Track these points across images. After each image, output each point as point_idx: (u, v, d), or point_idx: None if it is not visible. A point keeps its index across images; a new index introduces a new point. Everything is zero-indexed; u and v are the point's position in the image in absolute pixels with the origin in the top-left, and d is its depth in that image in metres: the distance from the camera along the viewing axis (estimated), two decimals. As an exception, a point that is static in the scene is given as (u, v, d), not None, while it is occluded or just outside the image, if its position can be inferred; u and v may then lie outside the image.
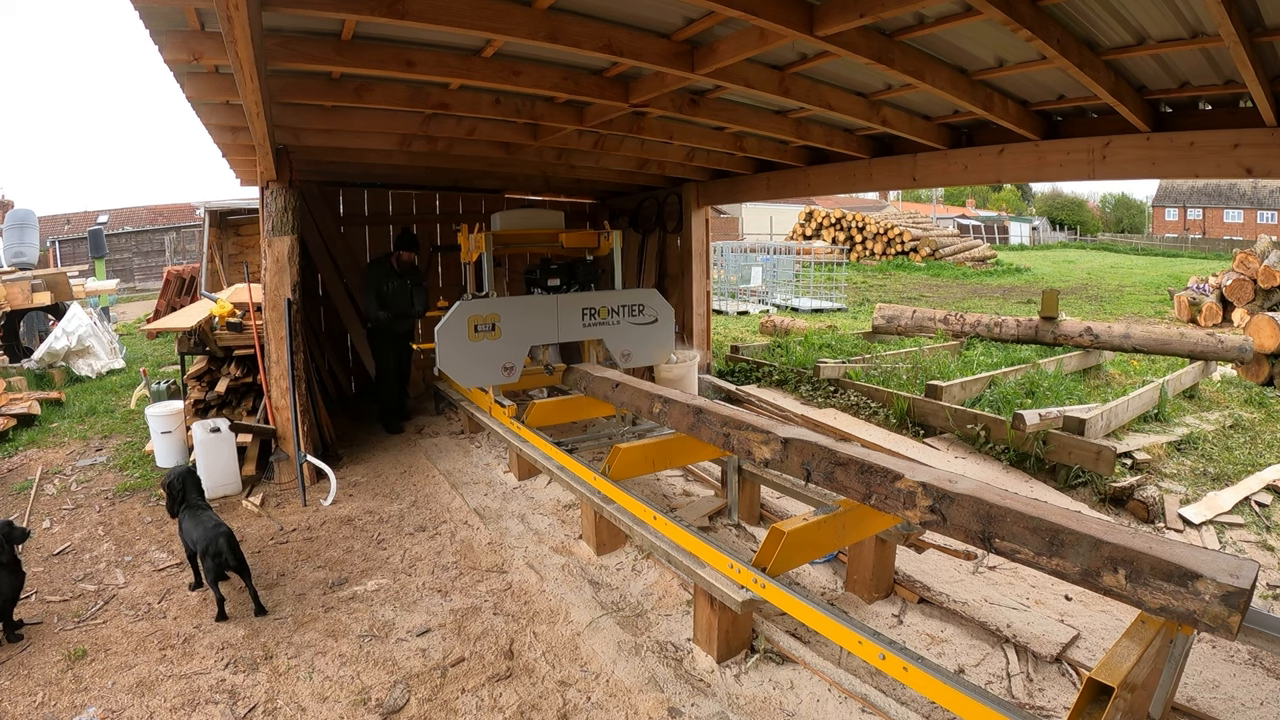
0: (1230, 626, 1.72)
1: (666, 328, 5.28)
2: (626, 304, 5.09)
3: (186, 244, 23.63)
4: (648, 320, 5.17)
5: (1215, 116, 3.72)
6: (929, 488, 2.44)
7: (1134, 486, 4.53)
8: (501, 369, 4.69)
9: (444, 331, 4.46)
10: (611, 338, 5.08)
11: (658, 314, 5.24)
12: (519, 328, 4.73)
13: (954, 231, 30.15)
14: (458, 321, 4.51)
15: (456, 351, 4.51)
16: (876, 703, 2.51)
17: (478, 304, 4.63)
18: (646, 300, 5.20)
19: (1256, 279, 11.79)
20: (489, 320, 4.59)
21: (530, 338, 4.84)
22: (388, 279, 5.93)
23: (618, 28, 3.21)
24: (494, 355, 4.65)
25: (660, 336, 5.25)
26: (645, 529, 3.16)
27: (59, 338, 7.88)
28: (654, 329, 5.21)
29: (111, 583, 3.45)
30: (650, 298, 5.23)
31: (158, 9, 2.79)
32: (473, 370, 4.62)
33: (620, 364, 5.05)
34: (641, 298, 5.17)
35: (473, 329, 4.54)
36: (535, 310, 4.85)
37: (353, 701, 2.58)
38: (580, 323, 4.96)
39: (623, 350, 5.12)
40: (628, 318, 5.09)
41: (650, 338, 5.20)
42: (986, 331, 8.64)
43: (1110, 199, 57.46)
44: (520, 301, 4.91)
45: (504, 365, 4.70)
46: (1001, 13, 2.59)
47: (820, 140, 5.13)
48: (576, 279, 5.36)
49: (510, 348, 4.71)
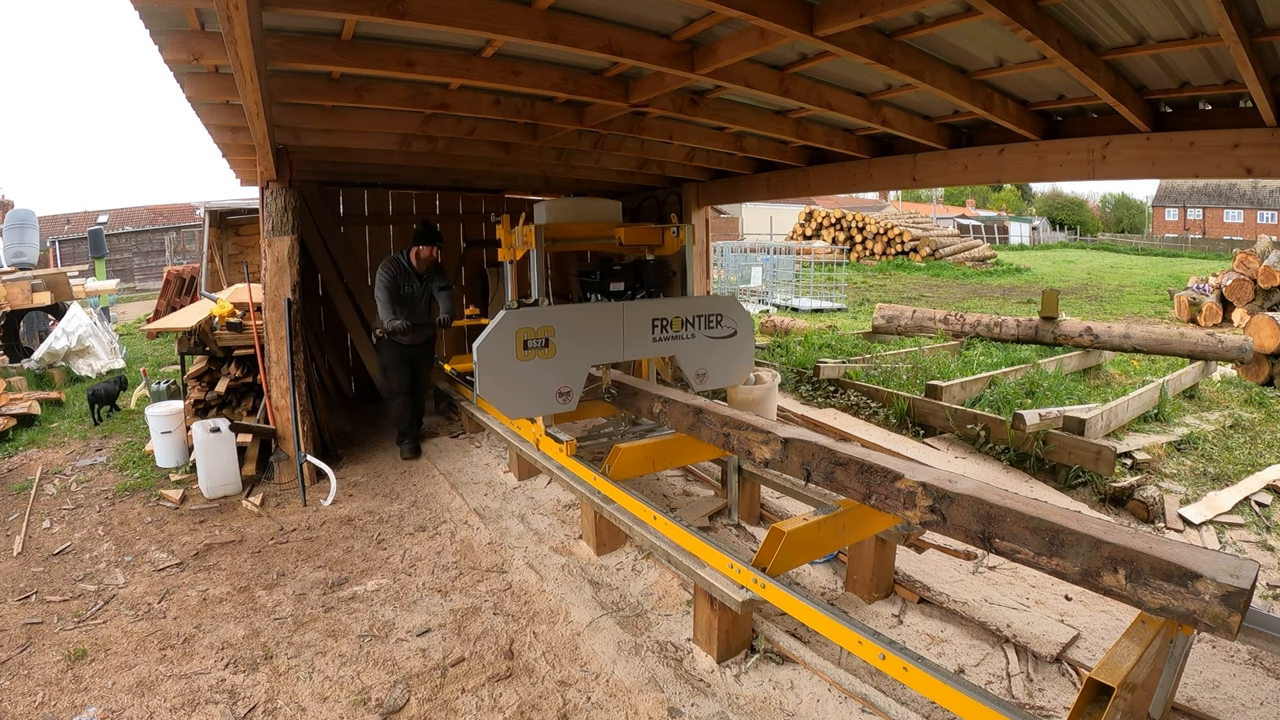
0: (1230, 626, 1.72)
1: (747, 342, 4.43)
2: (702, 313, 4.21)
3: (186, 244, 23.63)
4: (726, 333, 4.31)
5: (1215, 116, 3.71)
6: (929, 488, 2.44)
7: (1134, 486, 4.54)
8: (556, 395, 3.76)
9: (486, 349, 3.52)
10: (685, 354, 4.19)
11: (737, 325, 4.36)
12: (578, 343, 3.80)
13: (954, 231, 30.16)
14: (503, 336, 3.55)
15: (501, 374, 3.58)
16: (876, 703, 2.51)
17: (527, 314, 3.66)
18: (725, 309, 4.31)
19: (1256, 279, 11.79)
20: (541, 334, 3.65)
21: (591, 355, 3.89)
22: (404, 280, 5.19)
23: (618, 28, 3.20)
24: (547, 378, 3.72)
25: (740, 352, 4.40)
26: (645, 529, 3.16)
27: (59, 338, 7.88)
28: (733, 344, 4.35)
29: (111, 583, 3.45)
30: (729, 306, 4.34)
31: (158, 9, 2.79)
32: (521, 397, 3.67)
33: (694, 385, 4.22)
34: (719, 306, 4.30)
35: (521, 345, 3.60)
36: (598, 322, 3.89)
37: (353, 701, 2.58)
38: (650, 337, 4.03)
39: (698, 370, 4.23)
40: (704, 330, 4.23)
41: (729, 354, 4.34)
42: (986, 331, 8.64)
43: (1110, 199, 57.50)
44: (580, 311, 3.94)
45: (559, 390, 3.76)
46: (1001, 13, 2.58)
47: (820, 140, 5.13)
48: (643, 283, 4.45)
49: (567, 368, 3.77)
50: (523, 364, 3.62)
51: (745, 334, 4.41)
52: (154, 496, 4.49)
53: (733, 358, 4.37)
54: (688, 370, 4.25)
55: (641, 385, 4.25)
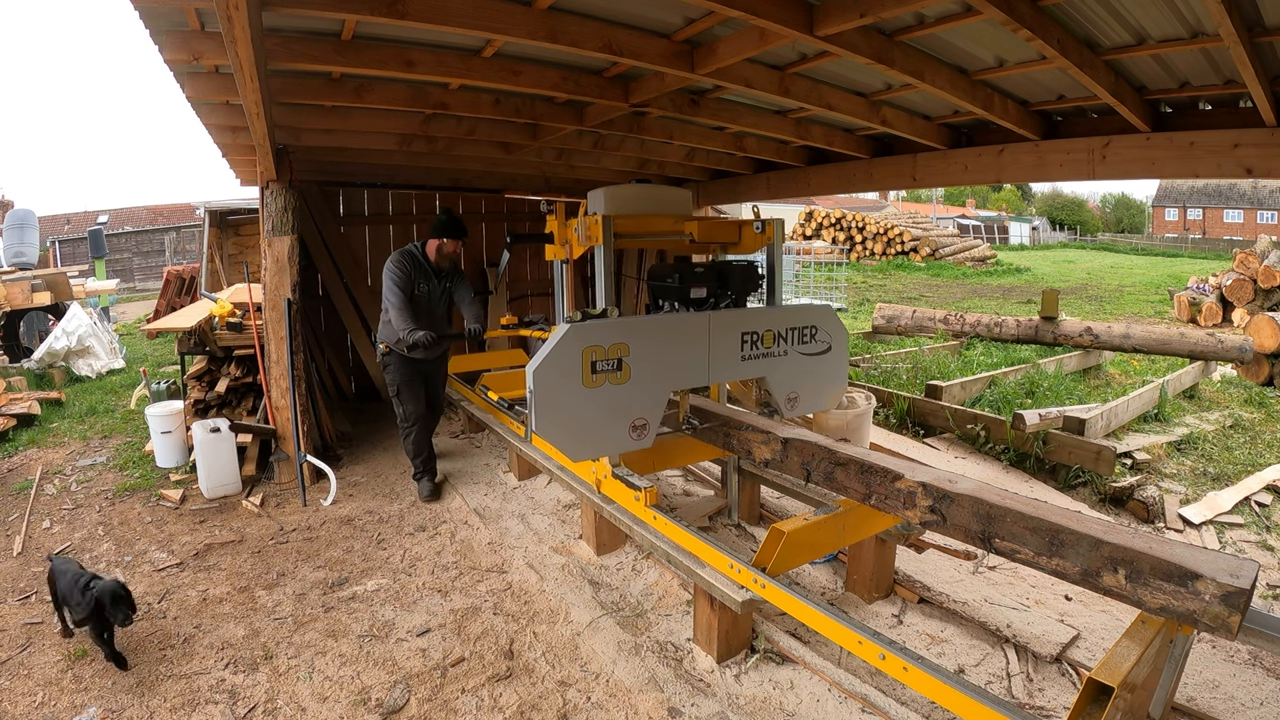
0: (1230, 626, 1.72)
1: (841, 359, 3.80)
2: (796, 326, 3.56)
3: (186, 244, 23.61)
4: (820, 349, 3.66)
5: (1215, 116, 3.72)
6: (929, 488, 2.44)
7: (1134, 486, 4.54)
8: (630, 429, 3.06)
9: (546, 373, 2.78)
10: (776, 375, 3.52)
11: (832, 339, 3.71)
12: (657, 365, 3.09)
13: (954, 231, 30.15)
14: (567, 357, 2.82)
15: (564, 406, 2.84)
16: (876, 703, 2.51)
17: (595, 328, 2.91)
18: (820, 320, 3.65)
19: (1256, 279, 11.79)
20: (614, 354, 2.93)
21: (672, 379, 3.18)
22: (420, 278, 4.34)
23: (618, 28, 3.20)
24: (620, 408, 3.00)
25: (835, 372, 3.77)
26: (645, 529, 3.16)
27: (59, 338, 7.88)
28: (827, 361, 3.71)
29: (111, 583, 3.45)
30: (824, 317, 3.68)
31: (158, 9, 2.79)
32: (588, 434, 2.94)
33: (784, 411, 3.60)
34: (814, 317, 3.64)
35: (589, 369, 2.88)
36: (680, 337, 3.17)
37: (353, 701, 2.58)
38: (738, 355, 3.36)
39: (789, 393, 3.58)
40: (796, 345, 3.56)
41: (823, 373, 3.70)
42: (986, 331, 8.64)
43: (1110, 199, 57.52)
44: (659, 325, 3.16)
45: (634, 423, 3.06)
46: (1001, 13, 2.59)
47: (820, 140, 5.13)
48: (729, 288, 3.62)
49: (644, 395, 3.06)
50: (590, 392, 2.89)
51: (840, 349, 3.79)
52: (154, 496, 4.49)
53: (827, 378, 3.75)
54: (778, 393, 3.56)
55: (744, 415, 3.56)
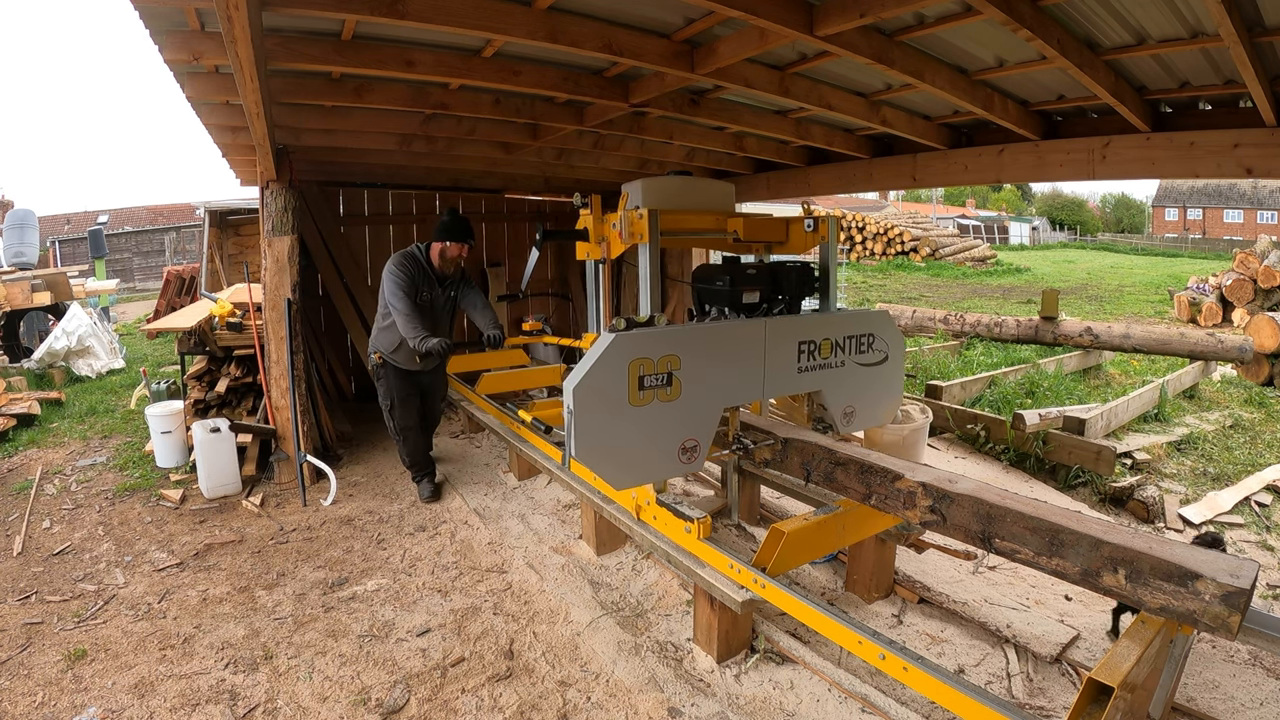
0: (1230, 626, 1.72)
1: (897, 370, 3.48)
2: (853, 334, 3.23)
3: (186, 244, 23.61)
4: (876, 359, 3.34)
5: (1215, 116, 3.72)
6: (929, 488, 2.44)
7: (1134, 486, 4.54)
8: (680, 451, 2.70)
9: (588, 391, 2.42)
10: (833, 388, 3.21)
11: (889, 349, 3.38)
12: (709, 378, 2.74)
13: (954, 231, 30.15)
14: (612, 372, 2.48)
15: (608, 427, 2.49)
16: (876, 703, 2.51)
17: (644, 338, 2.55)
18: (877, 327, 3.32)
19: (1256, 279, 11.79)
20: (663, 367, 2.58)
21: (725, 394, 2.83)
22: (424, 283, 4.08)
23: (618, 28, 3.20)
24: (669, 428, 2.65)
25: (891, 383, 3.46)
26: (645, 529, 3.16)
27: (59, 338, 7.88)
28: (884, 372, 3.39)
29: (111, 583, 3.45)
30: (881, 324, 3.36)
31: (158, 9, 2.79)
32: (634, 455, 2.58)
33: (840, 427, 3.28)
34: (871, 324, 3.31)
35: (637, 384, 2.53)
36: (734, 347, 2.82)
37: (353, 701, 2.58)
38: (794, 366, 3.03)
39: (846, 407, 3.27)
40: (854, 355, 3.25)
41: (880, 386, 3.39)
42: (986, 331, 8.64)
43: (1110, 199, 57.53)
44: (712, 334, 2.78)
45: (684, 444, 2.71)
46: (1001, 13, 2.59)
47: (820, 140, 5.13)
48: (783, 292, 3.34)
49: (695, 413, 2.71)
50: (637, 411, 2.55)
51: (896, 360, 3.46)
52: (154, 496, 4.49)
53: (884, 390, 3.44)
54: (834, 408, 3.24)
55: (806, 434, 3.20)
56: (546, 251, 8.59)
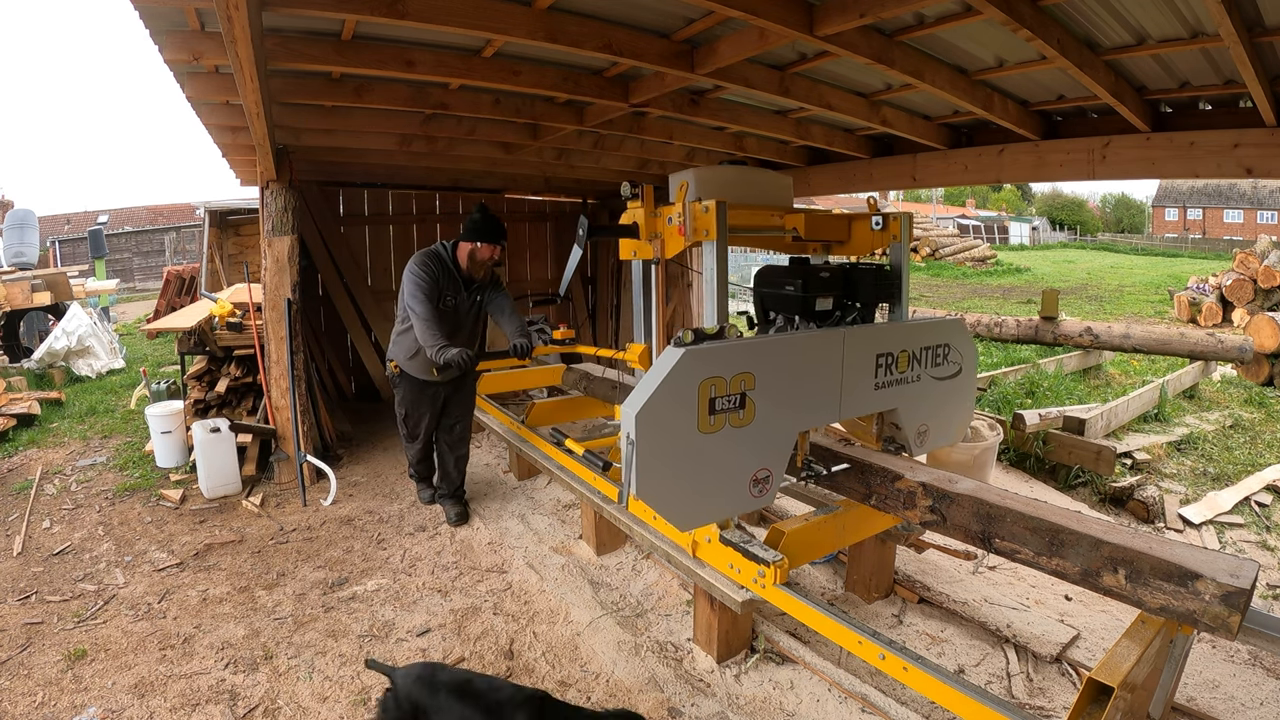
0: (1230, 626, 1.72)
1: (970, 384, 3.16)
2: (928, 345, 2.89)
3: (186, 244, 23.61)
4: (950, 372, 3.01)
5: (1215, 116, 3.72)
6: (929, 488, 2.44)
7: (1134, 486, 4.54)
8: (751, 483, 2.35)
9: (653, 416, 2.07)
10: (908, 405, 2.87)
11: (962, 360, 3.05)
12: (784, 398, 2.38)
13: (954, 231, 30.17)
14: (681, 392, 2.12)
15: (675, 457, 2.14)
16: (876, 702, 2.51)
17: (715, 353, 2.19)
18: (951, 337, 2.99)
19: (1256, 279, 11.80)
20: (736, 387, 2.23)
21: (800, 417, 2.49)
22: (449, 286, 3.69)
23: (618, 28, 3.20)
24: (740, 456, 2.30)
25: (964, 399, 3.15)
26: (645, 529, 3.16)
27: (59, 338, 7.88)
28: (957, 387, 3.06)
29: (111, 583, 3.45)
30: (955, 333, 3.02)
31: (158, 9, 2.79)
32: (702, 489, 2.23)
33: (913, 447, 2.94)
34: (945, 333, 2.96)
35: (707, 408, 2.17)
36: (810, 362, 2.46)
37: (353, 701, 2.58)
38: (871, 381, 2.69)
39: (920, 426, 2.94)
40: (930, 368, 2.91)
41: (954, 401, 3.07)
42: (986, 331, 8.64)
43: (1110, 199, 57.48)
44: (790, 346, 2.41)
45: (755, 475, 2.35)
46: (1001, 13, 2.59)
47: (820, 140, 5.13)
48: (857, 299, 3.01)
49: (769, 438, 2.37)
50: (707, 439, 2.19)
51: (969, 372, 3.12)
52: (154, 496, 4.49)
53: (957, 406, 3.11)
54: (908, 427, 2.90)
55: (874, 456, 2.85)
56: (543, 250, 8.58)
